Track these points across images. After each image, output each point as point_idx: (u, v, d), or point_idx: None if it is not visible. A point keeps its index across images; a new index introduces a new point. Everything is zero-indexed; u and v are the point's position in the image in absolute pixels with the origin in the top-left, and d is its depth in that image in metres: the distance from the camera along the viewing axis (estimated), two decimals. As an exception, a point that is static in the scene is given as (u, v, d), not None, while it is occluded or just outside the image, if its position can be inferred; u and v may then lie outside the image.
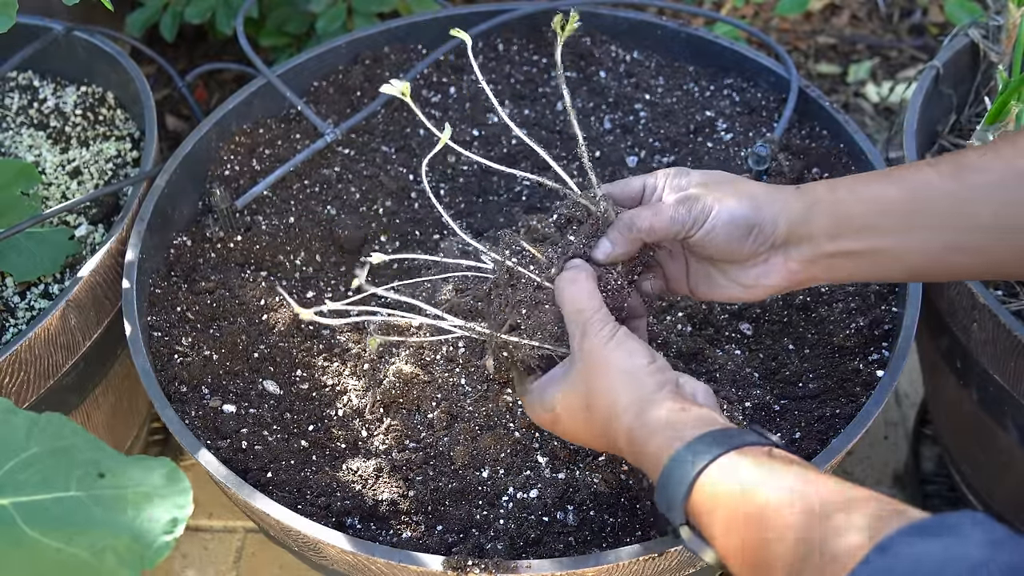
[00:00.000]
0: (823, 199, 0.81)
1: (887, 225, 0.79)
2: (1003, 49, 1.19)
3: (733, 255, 0.82)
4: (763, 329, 1.06)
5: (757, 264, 0.83)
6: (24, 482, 0.65)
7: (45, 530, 0.63)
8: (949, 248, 0.79)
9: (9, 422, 0.67)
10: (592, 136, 1.24)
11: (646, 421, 0.75)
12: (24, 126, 1.32)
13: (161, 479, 0.67)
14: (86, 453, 0.67)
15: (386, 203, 1.20)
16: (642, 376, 0.77)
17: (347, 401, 1.01)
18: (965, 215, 0.78)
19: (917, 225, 0.79)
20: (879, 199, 0.80)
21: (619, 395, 0.77)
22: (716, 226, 0.81)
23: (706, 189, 0.82)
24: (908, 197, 0.79)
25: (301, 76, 1.28)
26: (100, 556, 0.63)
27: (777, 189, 0.82)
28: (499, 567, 0.83)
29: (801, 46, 1.97)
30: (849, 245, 0.80)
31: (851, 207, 0.80)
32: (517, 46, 1.35)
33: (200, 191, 1.18)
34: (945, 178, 0.78)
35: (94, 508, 0.64)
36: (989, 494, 1.22)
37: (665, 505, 0.73)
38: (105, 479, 0.66)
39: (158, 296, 1.08)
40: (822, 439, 0.94)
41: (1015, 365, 0.99)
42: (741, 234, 0.80)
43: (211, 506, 1.44)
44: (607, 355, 0.78)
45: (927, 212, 0.78)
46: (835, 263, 0.82)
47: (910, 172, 0.80)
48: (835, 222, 0.80)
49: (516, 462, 0.95)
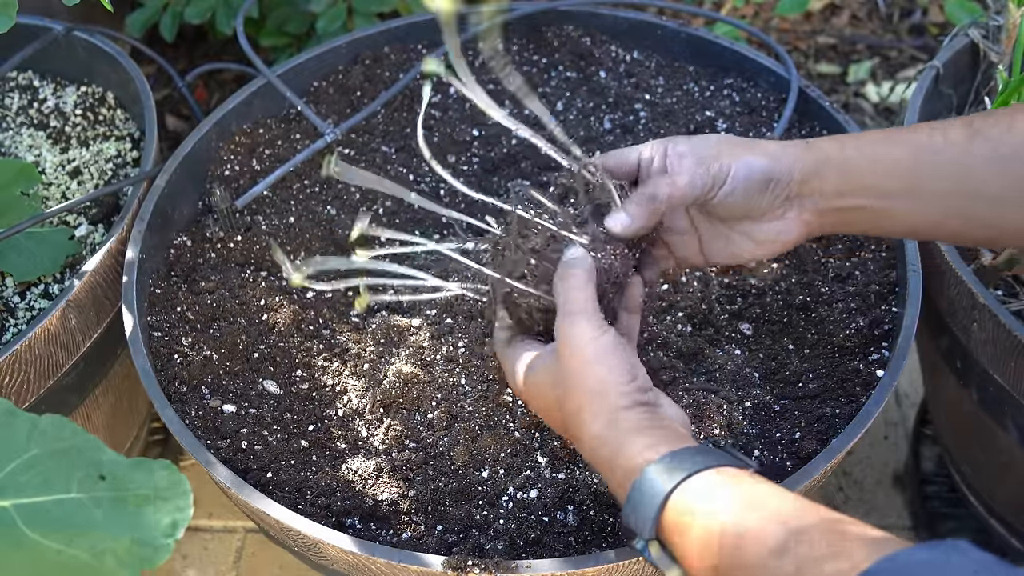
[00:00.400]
0: (832, 156, 0.81)
1: (892, 186, 0.80)
2: (1003, 49, 1.19)
3: (752, 210, 0.82)
4: (763, 329, 1.06)
5: (774, 219, 0.83)
6: (25, 484, 0.65)
7: (46, 532, 0.63)
8: (951, 214, 0.79)
9: (10, 424, 0.67)
10: (592, 136, 1.24)
11: (617, 432, 0.74)
12: (24, 126, 1.32)
13: (162, 481, 0.67)
14: (86, 455, 0.67)
15: (386, 203, 1.20)
16: (616, 393, 0.75)
17: (347, 401, 1.01)
18: (971, 183, 0.78)
19: (921, 189, 0.79)
20: (885, 159, 0.80)
21: (590, 402, 0.75)
22: (736, 183, 0.81)
23: (717, 149, 0.82)
24: (913, 159, 0.79)
25: (301, 76, 1.28)
26: (100, 558, 0.63)
27: (786, 144, 0.83)
28: (499, 567, 0.83)
29: (801, 46, 1.97)
30: (856, 202, 0.81)
31: (858, 165, 0.81)
32: (517, 46, 1.35)
33: (200, 191, 1.18)
34: (951, 144, 0.78)
35: (95, 510, 0.64)
36: (989, 494, 1.22)
37: (634, 519, 0.71)
38: (106, 481, 0.66)
39: (158, 296, 1.08)
40: (822, 439, 0.94)
41: (1015, 365, 0.99)
42: (759, 188, 0.81)
43: (211, 506, 1.44)
44: (586, 363, 0.76)
45: (931, 176, 0.79)
46: (844, 216, 0.83)
47: (919, 132, 0.80)
48: (843, 179, 0.81)
49: (516, 462, 0.95)
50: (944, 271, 1.05)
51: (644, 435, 0.73)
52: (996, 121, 0.78)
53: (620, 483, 0.73)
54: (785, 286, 1.09)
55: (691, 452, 0.70)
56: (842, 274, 1.08)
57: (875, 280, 1.06)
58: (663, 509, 0.69)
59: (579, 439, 0.77)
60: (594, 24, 1.34)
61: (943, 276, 1.05)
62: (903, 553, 0.56)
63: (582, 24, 1.35)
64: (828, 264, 1.09)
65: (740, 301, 1.08)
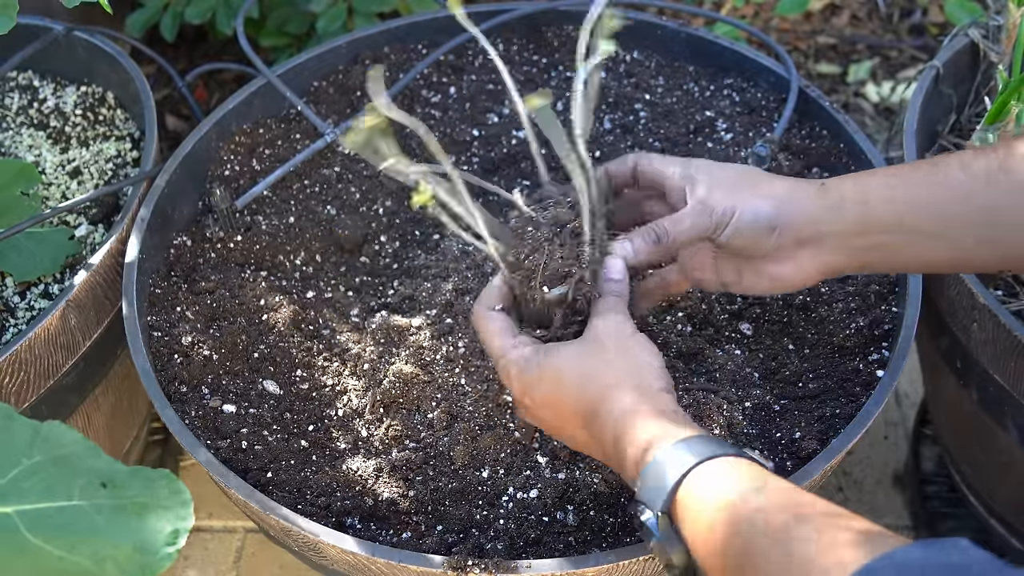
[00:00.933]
0: (850, 196, 0.82)
1: (916, 222, 0.80)
2: (1003, 49, 1.19)
3: (759, 251, 0.84)
4: (763, 329, 1.06)
5: (785, 260, 0.84)
6: (28, 490, 0.65)
7: (48, 538, 0.63)
8: (978, 242, 0.80)
9: (11, 430, 0.67)
10: (592, 136, 1.24)
11: (651, 407, 0.76)
12: (24, 126, 1.32)
13: (162, 491, 0.67)
14: (87, 462, 0.68)
15: (386, 203, 1.20)
16: (654, 374, 0.79)
17: (347, 401, 1.01)
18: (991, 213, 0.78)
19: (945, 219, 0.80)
20: (908, 194, 0.80)
21: (628, 377, 0.78)
22: (740, 226, 0.82)
23: (727, 188, 0.83)
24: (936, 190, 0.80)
25: (301, 76, 1.28)
26: (102, 565, 0.63)
27: (799, 187, 0.83)
28: (499, 567, 0.83)
29: (801, 46, 1.97)
30: (879, 240, 0.82)
31: (879, 203, 0.81)
32: (517, 46, 1.35)
33: (200, 191, 1.18)
34: (973, 178, 0.79)
35: (96, 517, 0.65)
36: (989, 494, 1.22)
37: (650, 492, 0.72)
38: (107, 489, 0.66)
39: (158, 296, 1.08)
40: (822, 439, 0.94)
41: (1015, 365, 0.99)
42: (765, 233, 0.82)
43: (211, 506, 1.44)
44: (628, 341, 0.80)
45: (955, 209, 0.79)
46: (863, 256, 0.83)
47: (939, 165, 0.80)
48: (864, 220, 0.81)
49: (516, 462, 0.95)
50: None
51: (671, 416, 0.75)
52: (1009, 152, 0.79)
53: (638, 457, 0.74)
54: (785, 286, 1.09)
55: (715, 440, 0.73)
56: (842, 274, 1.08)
57: (875, 280, 1.06)
58: (681, 483, 0.70)
59: (601, 415, 0.78)
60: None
61: (943, 276, 1.05)
62: (901, 550, 0.57)
63: (582, 24, 1.35)
64: (828, 264, 1.09)
65: (740, 301, 1.08)
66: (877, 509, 1.42)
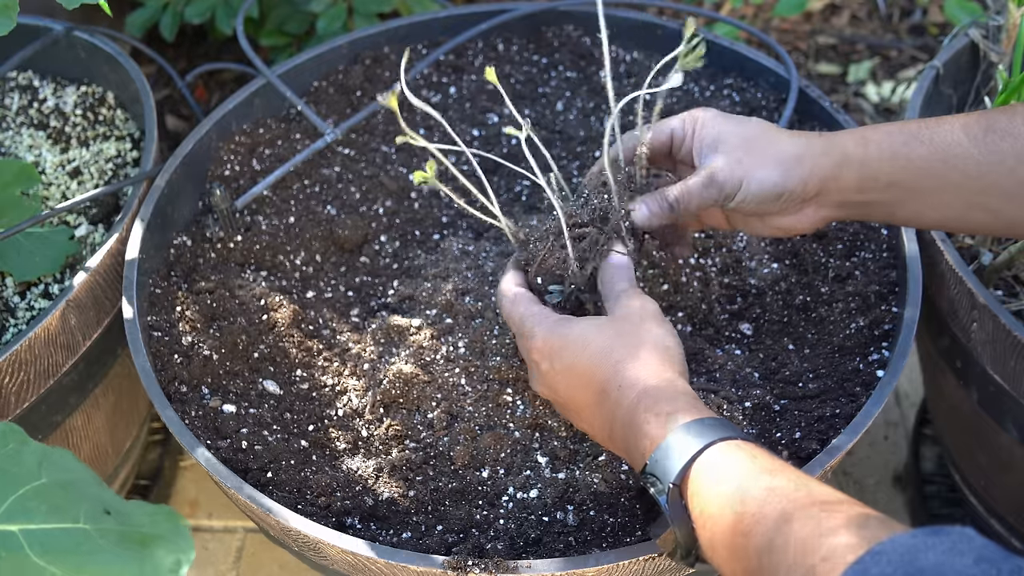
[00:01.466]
0: (852, 155, 0.84)
1: (912, 183, 0.82)
2: (1003, 49, 1.19)
3: (766, 212, 0.87)
4: (763, 329, 1.06)
5: (790, 214, 0.87)
6: (33, 510, 0.65)
7: (52, 559, 0.63)
8: (970, 207, 0.82)
9: (21, 452, 0.68)
10: (592, 136, 1.24)
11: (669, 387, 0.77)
12: (24, 126, 1.32)
13: (164, 523, 0.68)
14: (92, 488, 0.68)
15: (386, 203, 1.20)
16: (675, 358, 0.81)
17: (347, 401, 1.01)
18: (989, 180, 0.80)
19: (941, 186, 0.82)
20: (907, 157, 0.82)
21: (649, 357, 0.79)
22: (746, 196, 0.85)
23: (733, 159, 0.86)
24: (935, 158, 0.81)
25: (301, 76, 1.28)
26: None
27: (807, 144, 0.85)
28: (499, 567, 0.83)
29: (801, 46, 1.97)
30: (875, 196, 0.84)
31: (879, 165, 0.83)
32: (517, 46, 1.35)
33: (200, 191, 1.18)
34: (974, 141, 0.80)
35: (100, 541, 0.65)
36: (989, 494, 1.22)
37: (662, 465, 0.73)
38: (112, 516, 0.66)
39: (158, 296, 1.08)
40: (822, 439, 0.94)
41: (1015, 365, 0.99)
42: (771, 198, 0.85)
43: (211, 506, 1.44)
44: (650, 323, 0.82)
45: (952, 175, 0.81)
46: (861, 209, 0.87)
47: (940, 131, 0.82)
48: (862, 178, 0.84)
49: (516, 462, 0.95)
50: (944, 271, 1.05)
51: (688, 397, 0.77)
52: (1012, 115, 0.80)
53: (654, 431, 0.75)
54: (785, 286, 1.09)
55: (731, 424, 0.75)
56: (842, 274, 1.08)
57: (875, 280, 1.06)
58: (695, 460, 0.71)
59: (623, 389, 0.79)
60: (594, 24, 1.34)
61: (943, 276, 1.05)
62: (907, 535, 0.57)
63: (582, 24, 1.35)
64: (828, 264, 1.09)
65: (740, 301, 1.08)
66: (877, 509, 1.42)
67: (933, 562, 0.55)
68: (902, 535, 0.57)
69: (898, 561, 0.55)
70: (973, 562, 0.54)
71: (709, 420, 0.74)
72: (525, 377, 0.99)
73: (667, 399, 0.76)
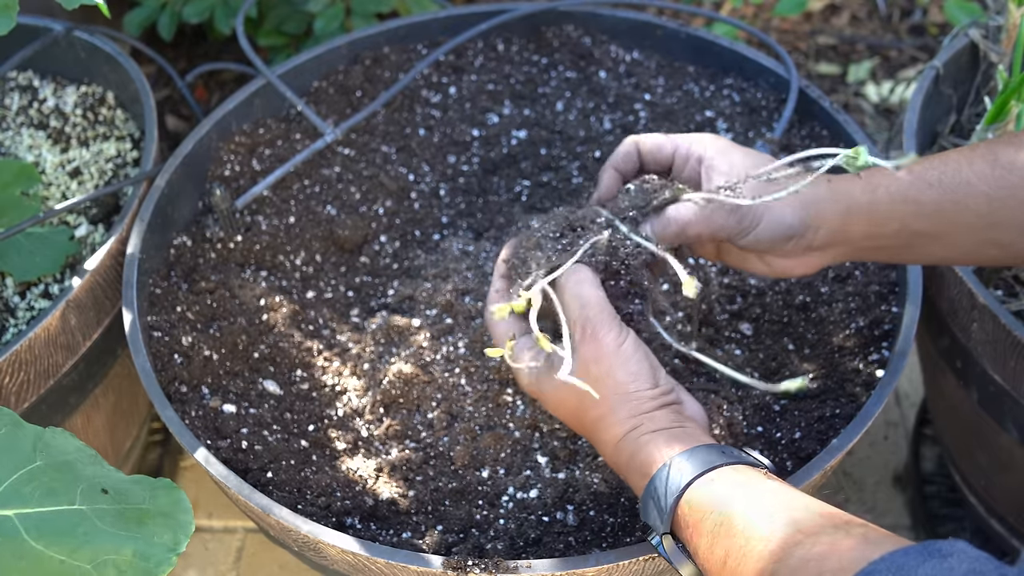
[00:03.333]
0: (860, 203, 0.81)
1: (922, 227, 0.80)
2: (1003, 49, 1.19)
3: (769, 251, 0.84)
4: (763, 329, 1.06)
5: (791, 258, 0.84)
6: (29, 494, 0.65)
7: (48, 542, 0.63)
8: (981, 244, 0.80)
9: (15, 435, 0.68)
10: (592, 136, 1.24)
11: (640, 433, 0.76)
12: (24, 126, 1.32)
13: (164, 499, 0.67)
14: (89, 468, 0.68)
15: (386, 203, 1.20)
16: (640, 398, 0.77)
17: (347, 401, 1.01)
18: (1000, 216, 0.78)
19: (952, 226, 0.80)
20: (916, 201, 0.80)
21: (615, 409, 0.77)
22: (762, 233, 0.81)
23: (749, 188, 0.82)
24: (945, 199, 0.79)
25: (301, 76, 1.28)
26: (102, 569, 0.63)
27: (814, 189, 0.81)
28: (499, 567, 0.83)
29: (801, 46, 1.97)
30: (884, 243, 0.82)
31: (889, 210, 0.81)
32: (517, 46, 1.35)
33: (200, 191, 1.18)
34: (982, 179, 0.78)
35: (97, 522, 0.65)
36: (989, 494, 1.22)
37: (651, 513, 0.73)
38: (108, 495, 0.66)
39: (158, 296, 1.08)
40: (822, 439, 0.94)
41: (1015, 365, 0.99)
42: (783, 239, 0.82)
43: (211, 506, 1.44)
44: (609, 371, 0.77)
45: (963, 215, 0.79)
46: (873, 252, 0.85)
47: (948, 171, 0.80)
48: (871, 225, 0.81)
49: (516, 462, 0.95)
50: (944, 271, 1.05)
51: (664, 435, 0.75)
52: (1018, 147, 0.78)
53: (638, 482, 0.75)
54: (785, 286, 1.09)
55: (707, 449, 0.73)
56: (842, 274, 1.08)
57: (875, 280, 1.06)
58: (678, 503, 0.71)
59: (602, 442, 0.79)
60: (594, 24, 1.34)
61: (943, 276, 1.05)
62: (899, 553, 0.57)
63: (582, 24, 1.35)
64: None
65: (740, 301, 1.08)
66: (877, 509, 1.42)
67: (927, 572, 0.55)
68: (893, 553, 0.57)
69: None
70: (964, 573, 0.54)
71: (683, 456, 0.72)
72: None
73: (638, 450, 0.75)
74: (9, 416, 0.68)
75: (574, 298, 0.79)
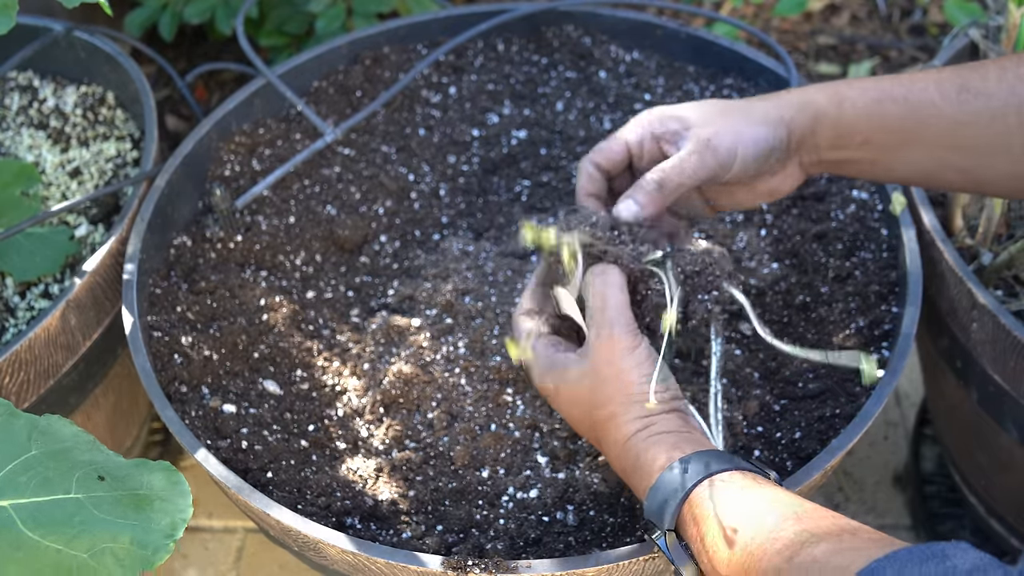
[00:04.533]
0: (827, 113, 0.83)
1: (885, 141, 0.82)
2: (1003, 49, 1.19)
3: (760, 175, 0.85)
4: (763, 329, 1.06)
5: (773, 175, 0.86)
6: (24, 484, 0.65)
7: (44, 532, 0.63)
8: (942, 165, 0.82)
9: (10, 424, 0.67)
10: (592, 136, 1.24)
11: (651, 434, 0.76)
12: (24, 126, 1.32)
13: (161, 482, 0.67)
14: (86, 455, 0.67)
15: (386, 203, 1.20)
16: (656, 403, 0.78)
17: (347, 401, 1.01)
18: (960, 138, 0.80)
19: (913, 143, 0.82)
20: (881, 116, 0.82)
21: (625, 410, 0.78)
22: (745, 159, 0.83)
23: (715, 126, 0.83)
24: (909, 117, 0.81)
25: (301, 76, 1.28)
26: (99, 558, 0.63)
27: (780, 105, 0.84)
28: (499, 567, 0.83)
29: (801, 46, 1.97)
30: (849, 155, 0.84)
31: (852, 123, 0.83)
32: (517, 46, 1.35)
33: (200, 191, 1.18)
34: (947, 101, 0.80)
35: (94, 510, 0.65)
36: (989, 494, 1.22)
37: (656, 512, 0.73)
38: (105, 482, 0.66)
39: (158, 296, 1.08)
40: (822, 439, 0.94)
41: (1015, 365, 0.99)
42: (764, 155, 0.83)
43: (211, 506, 1.44)
44: (622, 372, 0.78)
45: (924, 133, 0.81)
46: (838, 165, 0.86)
47: (914, 89, 0.82)
48: (837, 135, 0.83)
49: (516, 462, 0.95)
50: (944, 271, 1.05)
51: (672, 437, 0.76)
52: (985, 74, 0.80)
53: (643, 481, 0.75)
54: (785, 286, 1.09)
55: (717, 454, 0.73)
56: (842, 274, 1.08)
57: (875, 280, 1.06)
58: (685, 501, 0.71)
59: (608, 443, 0.79)
60: (594, 24, 1.34)
61: (943, 276, 1.05)
62: (902, 552, 0.57)
63: (582, 24, 1.35)
64: (828, 264, 1.09)
65: (740, 301, 1.08)
66: (877, 509, 1.42)
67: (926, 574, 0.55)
68: (896, 552, 0.58)
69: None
70: (967, 572, 0.54)
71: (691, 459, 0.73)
72: (525, 377, 0.99)
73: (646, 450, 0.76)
74: (3, 406, 0.68)
75: (598, 296, 0.81)
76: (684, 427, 0.77)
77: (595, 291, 0.81)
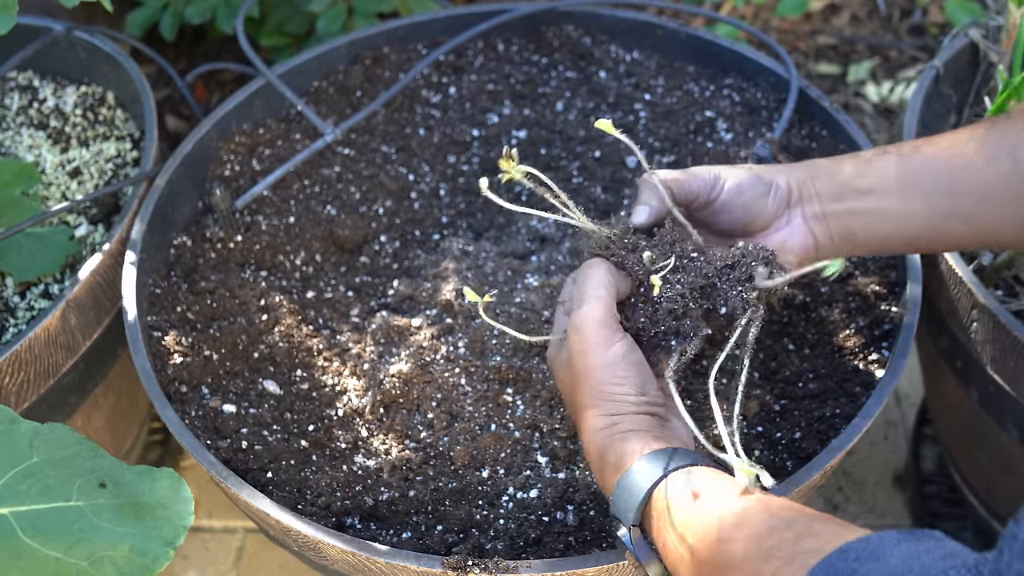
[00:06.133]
0: (824, 166, 0.86)
1: (887, 188, 0.83)
2: (1003, 49, 1.19)
3: (758, 215, 0.85)
4: (763, 329, 1.06)
5: (779, 228, 0.86)
6: (25, 492, 0.65)
7: (44, 540, 0.63)
8: (947, 218, 0.83)
9: (11, 432, 0.67)
10: (592, 136, 1.24)
11: (618, 431, 0.77)
12: (24, 126, 1.32)
13: (164, 490, 0.67)
14: (88, 462, 0.67)
15: (386, 203, 1.20)
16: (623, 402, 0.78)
17: (347, 401, 1.01)
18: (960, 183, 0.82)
19: (915, 191, 0.83)
20: (878, 167, 0.84)
21: (595, 404, 0.78)
22: (729, 188, 0.84)
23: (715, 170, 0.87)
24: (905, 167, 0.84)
25: (301, 76, 1.28)
26: (99, 566, 0.63)
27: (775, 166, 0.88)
28: (499, 567, 0.83)
29: (801, 46, 1.97)
30: (852, 205, 0.84)
31: (850, 173, 0.85)
32: (517, 46, 1.35)
33: (200, 191, 1.18)
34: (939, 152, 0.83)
35: (94, 518, 0.65)
36: (989, 494, 1.22)
37: (621, 508, 0.74)
38: (106, 489, 0.66)
39: (158, 296, 1.08)
40: (822, 439, 0.94)
41: (1015, 365, 0.99)
42: (763, 191, 0.84)
43: (211, 506, 1.44)
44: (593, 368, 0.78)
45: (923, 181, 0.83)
46: (844, 222, 0.85)
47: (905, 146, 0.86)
48: (837, 185, 0.85)
49: (516, 462, 0.95)
50: (944, 271, 1.05)
51: (641, 434, 0.76)
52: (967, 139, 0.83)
53: (610, 477, 0.76)
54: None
55: (682, 451, 0.74)
56: (842, 274, 1.08)
57: (875, 280, 1.06)
58: (651, 496, 0.72)
59: (582, 430, 0.80)
60: (594, 24, 1.34)
61: (943, 276, 1.05)
62: (875, 536, 0.58)
63: (582, 24, 1.35)
64: (828, 264, 1.09)
65: (740, 301, 1.08)
66: (877, 509, 1.42)
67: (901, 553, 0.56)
68: (869, 536, 0.59)
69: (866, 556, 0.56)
70: (941, 557, 0.55)
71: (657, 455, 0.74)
72: (525, 377, 0.99)
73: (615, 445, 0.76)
74: (5, 413, 0.68)
75: (579, 287, 0.81)
76: (656, 427, 0.77)
77: (579, 282, 0.82)
